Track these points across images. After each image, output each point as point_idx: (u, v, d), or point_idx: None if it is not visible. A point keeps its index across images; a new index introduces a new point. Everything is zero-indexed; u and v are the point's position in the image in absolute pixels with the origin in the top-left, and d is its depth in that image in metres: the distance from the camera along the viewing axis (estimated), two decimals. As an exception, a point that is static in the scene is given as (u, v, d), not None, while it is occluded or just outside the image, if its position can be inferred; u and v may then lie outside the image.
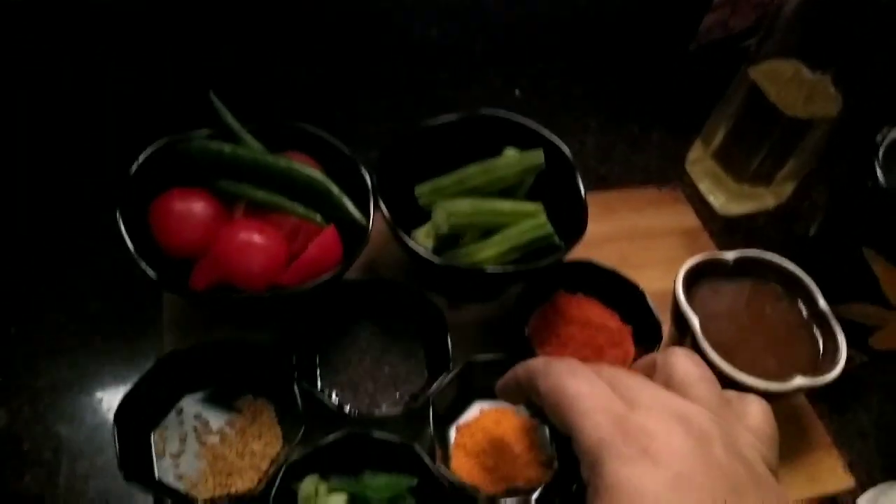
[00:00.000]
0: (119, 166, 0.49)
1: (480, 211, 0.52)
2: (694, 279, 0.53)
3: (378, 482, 0.43)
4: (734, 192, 0.67)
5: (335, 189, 0.49)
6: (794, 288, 0.54)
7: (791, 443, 0.53)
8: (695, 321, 0.49)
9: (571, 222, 0.53)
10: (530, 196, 0.56)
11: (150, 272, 0.43)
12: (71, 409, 0.49)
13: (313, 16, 0.61)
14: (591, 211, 0.65)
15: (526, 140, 0.56)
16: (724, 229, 0.67)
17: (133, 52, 0.61)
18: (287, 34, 0.63)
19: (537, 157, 0.54)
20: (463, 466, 0.46)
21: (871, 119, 0.57)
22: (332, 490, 0.43)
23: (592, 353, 0.52)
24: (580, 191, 0.53)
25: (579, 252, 0.55)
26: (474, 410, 0.50)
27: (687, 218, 0.66)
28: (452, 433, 0.48)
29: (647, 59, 0.76)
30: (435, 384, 0.47)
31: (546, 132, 0.56)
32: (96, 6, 0.56)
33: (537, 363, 0.35)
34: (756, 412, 0.32)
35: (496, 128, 0.57)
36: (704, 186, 0.69)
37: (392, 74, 0.71)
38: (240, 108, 0.51)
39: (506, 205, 0.53)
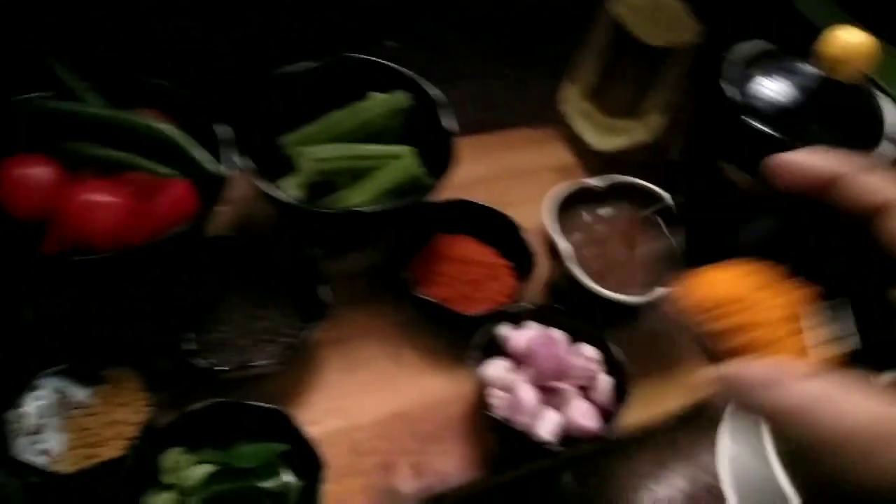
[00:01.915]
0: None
1: (345, 155, 0.52)
2: (566, 207, 0.54)
3: (246, 451, 0.42)
4: (605, 126, 0.68)
5: (181, 138, 0.47)
6: (660, 210, 0.55)
7: (662, 358, 0.55)
8: (564, 245, 0.50)
9: (442, 160, 0.52)
10: (403, 141, 0.55)
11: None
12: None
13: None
14: (466, 154, 0.65)
15: (391, 84, 0.55)
16: (602, 165, 0.68)
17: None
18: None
19: (401, 97, 0.53)
20: None
21: (727, 43, 0.59)
22: (198, 462, 0.41)
23: (471, 289, 0.52)
24: (447, 127, 0.53)
25: (458, 195, 0.56)
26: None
27: (561, 154, 0.67)
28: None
29: (517, 3, 0.76)
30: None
31: (410, 73, 0.55)
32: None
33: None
34: None
35: (359, 72, 0.55)
36: (578, 124, 0.71)
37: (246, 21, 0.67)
38: (85, 69, 0.48)
39: (373, 148, 0.53)
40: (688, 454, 0.54)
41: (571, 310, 0.51)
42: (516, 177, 0.63)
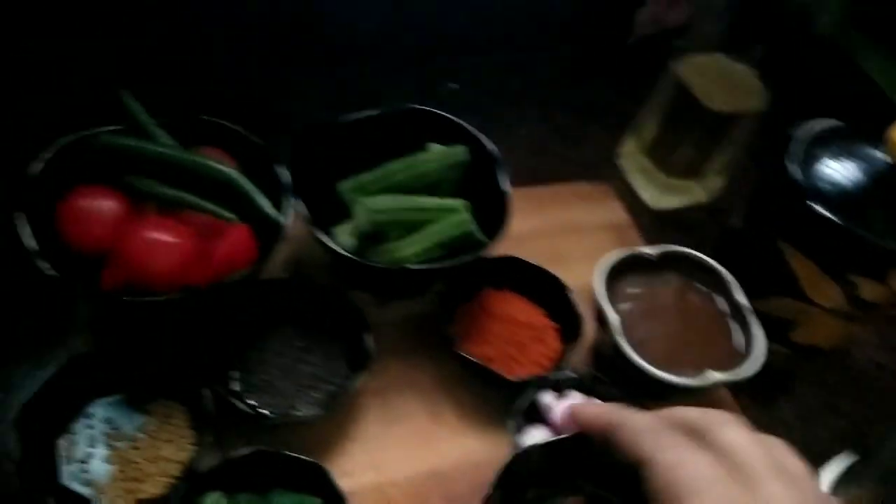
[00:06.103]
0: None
1: (402, 207, 0.52)
2: (617, 274, 0.53)
3: (282, 500, 0.42)
4: (663, 185, 0.67)
5: (245, 184, 0.48)
6: (714, 283, 0.54)
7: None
8: (613, 317, 0.50)
9: (495, 217, 0.52)
10: (458, 194, 0.56)
11: (50, 270, 0.41)
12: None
13: (231, 7, 0.60)
14: (520, 206, 0.65)
15: (451, 136, 0.55)
16: (655, 224, 0.67)
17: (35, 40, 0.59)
18: (201, 25, 0.61)
19: (460, 152, 0.54)
20: None
21: (796, 112, 0.58)
22: (234, 510, 0.42)
23: (516, 350, 0.52)
24: (503, 186, 0.53)
25: (508, 248, 0.55)
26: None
27: (616, 213, 0.66)
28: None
29: (585, 53, 0.76)
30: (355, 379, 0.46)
31: (470, 128, 0.55)
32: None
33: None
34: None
35: (420, 123, 0.56)
36: (635, 181, 0.70)
37: (314, 69, 0.69)
38: (154, 105, 0.50)
39: (428, 201, 0.53)
40: None
41: (615, 380, 0.51)
42: (568, 233, 0.62)
